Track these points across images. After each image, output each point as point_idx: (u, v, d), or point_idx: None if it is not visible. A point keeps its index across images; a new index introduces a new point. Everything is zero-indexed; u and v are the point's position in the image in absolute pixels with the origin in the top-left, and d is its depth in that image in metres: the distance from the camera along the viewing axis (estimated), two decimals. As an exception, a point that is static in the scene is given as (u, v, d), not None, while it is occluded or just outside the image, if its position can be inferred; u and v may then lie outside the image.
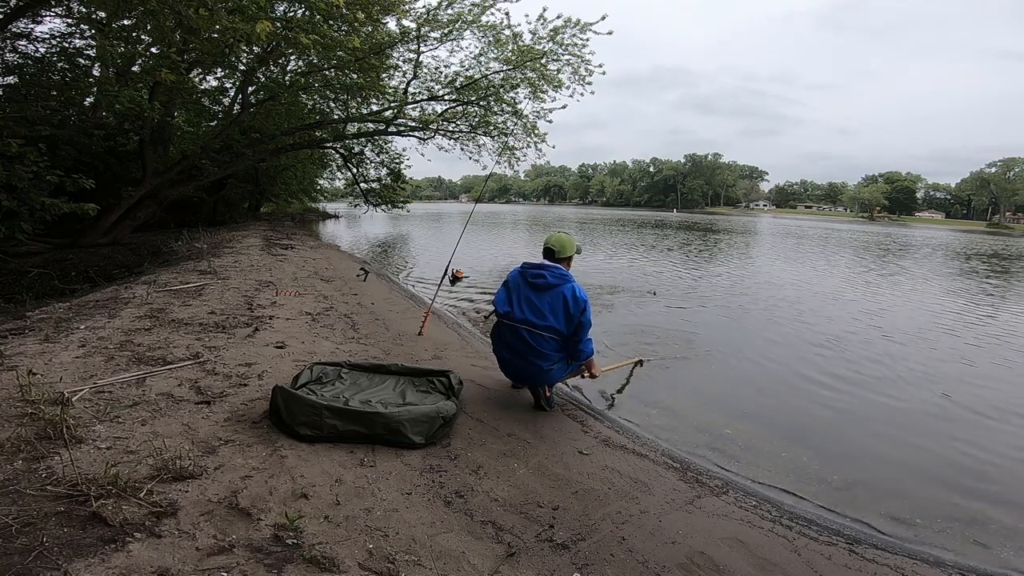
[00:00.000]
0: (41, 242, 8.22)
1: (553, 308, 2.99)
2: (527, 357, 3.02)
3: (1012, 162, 78.68)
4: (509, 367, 3.18)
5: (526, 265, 3.16)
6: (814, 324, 6.49)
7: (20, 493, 1.79)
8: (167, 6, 6.02)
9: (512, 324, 3.04)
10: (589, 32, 10.97)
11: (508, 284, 3.18)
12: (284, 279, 6.64)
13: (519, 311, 3.03)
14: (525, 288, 3.06)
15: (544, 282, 3.01)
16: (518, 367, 3.11)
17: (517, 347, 3.04)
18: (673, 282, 9.43)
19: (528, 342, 2.99)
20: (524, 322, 3.00)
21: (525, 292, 3.05)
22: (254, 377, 3.14)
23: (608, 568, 1.83)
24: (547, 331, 2.98)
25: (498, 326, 3.17)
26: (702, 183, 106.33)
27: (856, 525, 2.43)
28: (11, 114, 7.16)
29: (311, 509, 1.91)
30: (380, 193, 16.79)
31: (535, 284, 3.03)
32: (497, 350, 3.21)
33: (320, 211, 27.55)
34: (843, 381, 4.43)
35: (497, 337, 3.19)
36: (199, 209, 14.73)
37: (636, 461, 2.68)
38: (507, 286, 3.17)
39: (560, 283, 3.01)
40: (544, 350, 3.00)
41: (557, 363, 3.07)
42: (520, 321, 3.01)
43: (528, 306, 3.02)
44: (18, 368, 2.84)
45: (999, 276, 13.72)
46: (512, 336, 3.05)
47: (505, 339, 3.11)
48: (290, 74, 11.28)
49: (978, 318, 7.57)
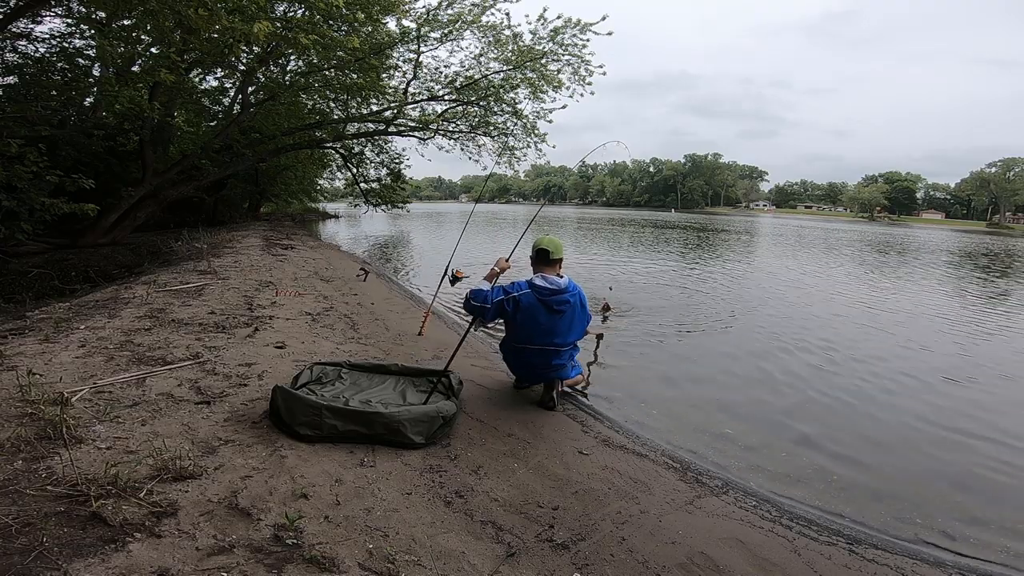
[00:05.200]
0: (41, 242, 8.21)
1: (571, 325, 3.12)
2: (548, 368, 3.16)
3: (1012, 162, 78.64)
4: (526, 372, 3.31)
5: (542, 290, 3.03)
6: (816, 324, 6.49)
7: (20, 493, 1.79)
8: (167, 6, 6.01)
9: (538, 348, 3.12)
10: (589, 32, 10.98)
11: (524, 311, 3.02)
12: (284, 279, 6.64)
13: (540, 337, 3.08)
14: (545, 313, 3.04)
15: (565, 306, 3.05)
16: (539, 376, 3.26)
17: (538, 363, 3.16)
18: (673, 282, 9.43)
19: (550, 356, 3.13)
20: (549, 344, 3.10)
21: (545, 317, 3.04)
22: (254, 377, 3.14)
23: (608, 568, 1.83)
24: (567, 346, 3.15)
25: (519, 352, 3.20)
26: (702, 183, 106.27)
27: (856, 525, 2.42)
28: (11, 114, 7.16)
29: (311, 509, 1.91)
30: (380, 193, 16.80)
31: (558, 310, 3.04)
32: (515, 366, 3.32)
33: (320, 211, 27.56)
34: (844, 381, 4.42)
35: (515, 355, 3.25)
36: (199, 209, 14.72)
37: (636, 461, 2.68)
38: (523, 312, 3.02)
39: (570, 294, 3.06)
40: (564, 361, 3.17)
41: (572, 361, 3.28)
42: (546, 344, 3.10)
43: (548, 329, 3.07)
44: (18, 368, 2.84)
45: (1002, 276, 13.73)
46: (533, 356, 3.15)
47: (525, 359, 3.20)
48: (290, 74, 11.29)
49: (981, 317, 7.57)
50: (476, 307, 3.00)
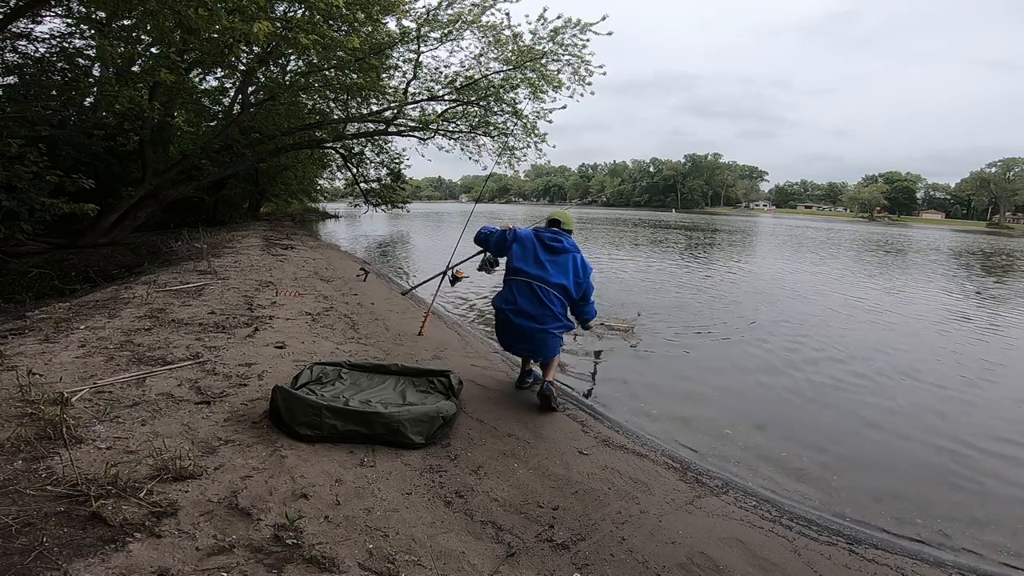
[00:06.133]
0: (41, 242, 8.21)
1: (564, 270, 3.19)
2: (536, 315, 3.13)
3: (1012, 162, 78.62)
4: (512, 330, 3.22)
5: (540, 230, 3.32)
6: (817, 324, 6.49)
7: (20, 493, 1.79)
8: (167, 6, 6.01)
9: (527, 280, 3.16)
10: (589, 33, 10.96)
11: (521, 241, 3.29)
12: (284, 279, 6.64)
13: (534, 269, 3.18)
14: (540, 249, 3.23)
15: (560, 246, 3.23)
16: (521, 327, 3.16)
17: (527, 304, 3.15)
18: (672, 283, 9.43)
19: (540, 298, 3.14)
20: (538, 278, 3.15)
21: (539, 252, 3.22)
22: (254, 377, 3.14)
23: (608, 568, 1.83)
24: (558, 289, 3.17)
25: (507, 284, 3.26)
26: (702, 183, 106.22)
27: (856, 525, 2.42)
28: (11, 114, 7.15)
29: (311, 509, 1.91)
30: (380, 193, 16.78)
31: (552, 247, 3.22)
32: (502, 310, 3.24)
33: (320, 211, 27.55)
34: (844, 382, 4.42)
35: (504, 297, 3.26)
36: (199, 209, 14.72)
37: (636, 461, 2.68)
38: (520, 243, 3.28)
39: (572, 250, 3.25)
40: (553, 307, 3.14)
41: (560, 327, 3.22)
42: (534, 277, 3.15)
43: (540, 265, 3.18)
44: (18, 368, 2.84)
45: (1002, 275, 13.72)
46: (523, 292, 3.16)
47: (514, 296, 3.20)
48: (290, 74, 11.28)
49: (973, 319, 7.57)
50: (483, 236, 3.46)
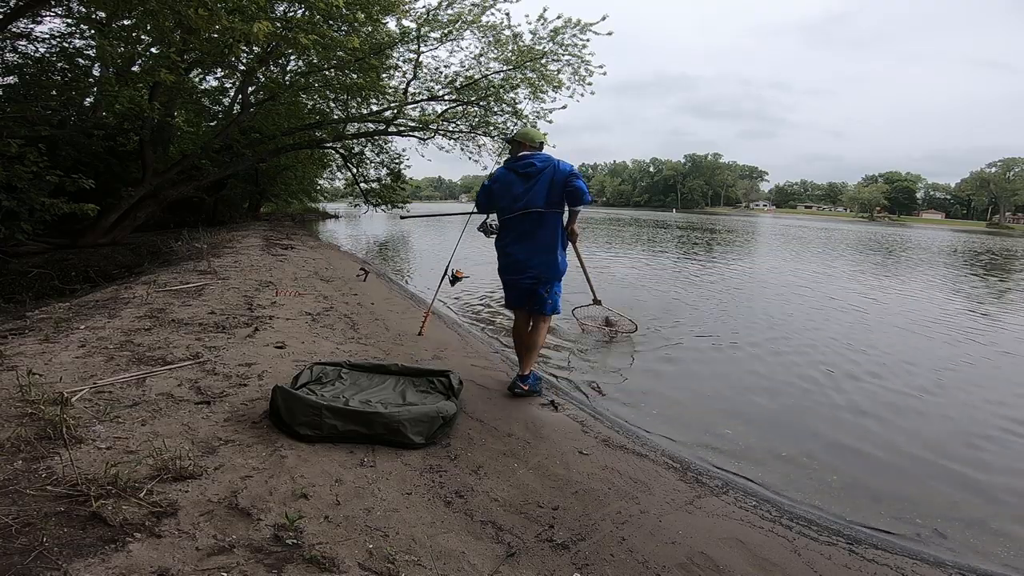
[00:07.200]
0: (41, 242, 8.21)
1: (547, 190, 3.14)
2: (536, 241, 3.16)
3: (1012, 162, 78.66)
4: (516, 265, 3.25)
5: (510, 159, 3.27)
6: (818, 323, 6.49)
7: (20, 493, 1.79)
8: (167, 6, 6.01)
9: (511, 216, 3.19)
10: (589, 33, 10.96)
11: (499, 180, 3.25)
12: (284, 279, 6.64)
13: (521, 202, 3.17)
14: (516, 181, 3.19)
15: (534, 169, 3.15)
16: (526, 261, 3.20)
17: (526, 232, 3.18)
18: (671, 283, 9.43)
19: (536, 222, 3.15)
20: (520, 211, 3.16)
21: (515, 186, 3.18)
22: (254, 377, 3.14)
23: (608, 568, 1.83)
24: (548, 208, 3.15)
25: (503, 225, 3.29)
26: (702, 183, 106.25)
27: (856, 525, 2.42)
28: (11, 114, 7.15)
29: (311, 509, 1.91)
30: (380, 193, 16.78)
31: (526, 173, 3.17)
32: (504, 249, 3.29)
33: (320, 211, 27.55)
34: (844, 381, 4.42)
35: (502, 236, 3.30)
36: (199, 209, 14.72)
37: (636, 461, 2.67)
38: (499, 182, 3.25)
39: (545, 165, 3.16)
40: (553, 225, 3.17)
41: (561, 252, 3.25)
42: (517, 211, 3.17)
43: (517, 198, 3.17)
44: (18, 368, 2.84)
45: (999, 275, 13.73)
46: (520, 222, 3.18)
47: (512, 231, 3.23)
48: (290, 74, 11.29)
49: (985, 321, 7.57)
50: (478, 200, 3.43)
